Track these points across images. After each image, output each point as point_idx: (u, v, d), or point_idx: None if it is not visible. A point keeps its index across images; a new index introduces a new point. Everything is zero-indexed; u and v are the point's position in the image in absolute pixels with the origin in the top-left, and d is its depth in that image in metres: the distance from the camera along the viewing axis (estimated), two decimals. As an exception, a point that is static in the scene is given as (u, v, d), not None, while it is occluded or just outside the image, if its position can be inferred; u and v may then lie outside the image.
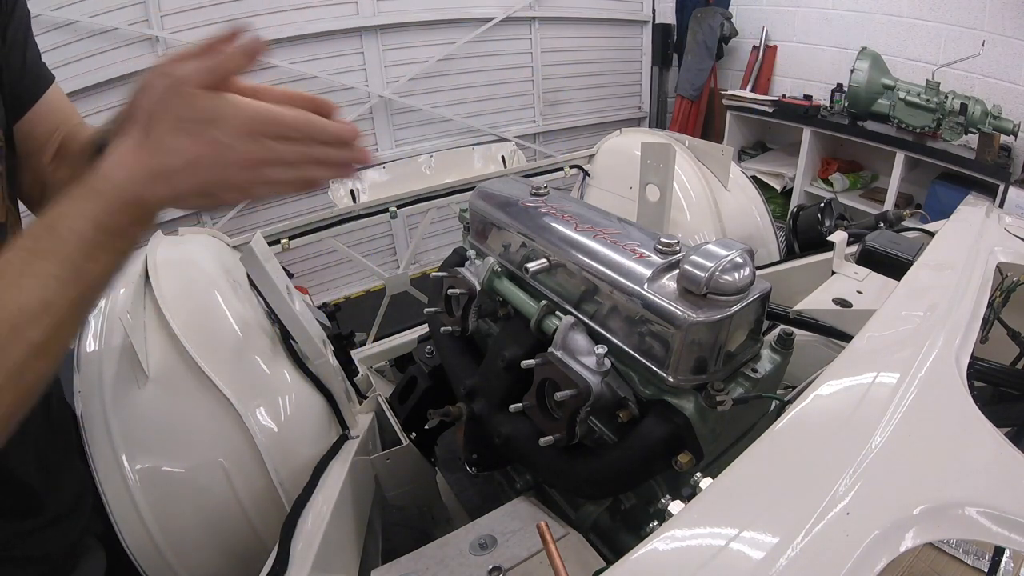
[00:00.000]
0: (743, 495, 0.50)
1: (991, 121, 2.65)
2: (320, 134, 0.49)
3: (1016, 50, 2.73)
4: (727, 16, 3.77)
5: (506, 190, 0.97)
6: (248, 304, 1.07)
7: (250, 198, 0.50)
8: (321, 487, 0.82)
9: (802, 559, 0.42)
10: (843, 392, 0.60)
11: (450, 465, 1.36)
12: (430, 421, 0.93)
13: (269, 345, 1.03)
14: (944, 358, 0.64)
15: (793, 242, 1.40)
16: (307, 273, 3.16)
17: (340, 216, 1.61)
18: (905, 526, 0.46)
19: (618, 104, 4.24)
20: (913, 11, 3.06)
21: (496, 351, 0.85)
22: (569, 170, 1.95)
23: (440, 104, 3.41)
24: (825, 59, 3.52)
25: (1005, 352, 0.95)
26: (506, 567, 0.71)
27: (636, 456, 0.70)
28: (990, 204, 1.19)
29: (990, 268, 0.89)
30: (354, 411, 1.02)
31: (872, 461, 0.50)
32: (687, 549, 0.45)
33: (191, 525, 0.92)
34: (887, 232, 1.23)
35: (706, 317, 0.65)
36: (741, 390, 0.72)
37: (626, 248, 0.76)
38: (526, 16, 3.51)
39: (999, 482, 0.51)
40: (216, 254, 1.18)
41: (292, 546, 0.70)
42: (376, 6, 3.04)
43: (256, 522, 0.93)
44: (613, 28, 3.99)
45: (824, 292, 1.03)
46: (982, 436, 0.55)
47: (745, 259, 0.67)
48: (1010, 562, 0.70)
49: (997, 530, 0.47)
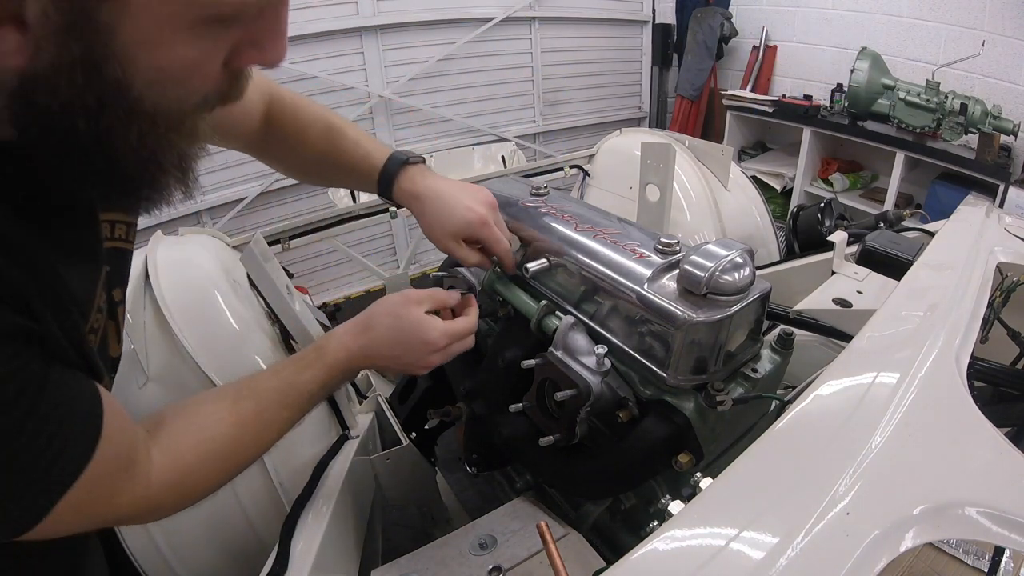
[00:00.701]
0: (743, 495, 0.50)
1: (991, 121, 2.64)
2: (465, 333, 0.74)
3: (1016, 50, 2.73)
4: (727, 16, 3.77)
5: (506, 190, 0.97)
6: (248, 304, 1.07)
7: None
8: (321, 487, 0.82)
9: (802, 559, 0.42)
10: (843, 392, 0.60)
11: (450, 465, 1.36)
12: (430, 421, 0.93)
13: (269, 345, 1.03)
14: (944, 358, 0.64)
15: (793, 242, 1.40)
16: (307, 273, 3.16)
17: (340, 216, 1.61)
18: (905, 526, 0.46)
19: (618, 104, 4.24)
20: (913, 11, 3.06)
21: (496, 351, 0.85)
22: (569, 170, 1.95)
23: (440, 104, 3.41)
24: (825, 59, 3.52)
25: (1005, 352, 0.95)
26: (506, 567, 0.71)
27: (636, 456, 0.70)
28: (990, 204, 1.20)
29: (990, 268, 0.89)
30: (354, 411, 1.02)
31: (872, 461, 0.50)
32: (687, 549, 0.45)
33: (191, 525, 0.92)
34: (887, 232, 1.23)
35: (706, 317, 0.65)
36: (741, 390, 0.72)
37: (626, 248, 0.76)
38: (526, 16, 3.51)
39: (999, 482, 0.51)
40: (216, 254, 1.18)
41: (292, 546, 0.70)
42: (376, 6, 3.03)
43: (256, 522, 0.93)
44: (613, 28, 3.98)
45: (824, 292, 1.03)
46: (982, 436, 0.55)
47: (745, 259, 0.67)
48: (1010, 562, 0.70)
49: (997, 530, 0.47)
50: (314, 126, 0.82)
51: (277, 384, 0.65)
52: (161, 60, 0.38)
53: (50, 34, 0.34)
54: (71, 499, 0.44)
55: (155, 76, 0.38)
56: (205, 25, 0.38)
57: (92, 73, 0.36)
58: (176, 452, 0.56)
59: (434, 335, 0.70)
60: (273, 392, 0.65)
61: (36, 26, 0.34)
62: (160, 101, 0.40)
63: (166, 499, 0.56)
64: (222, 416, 0.60)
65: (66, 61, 0.35)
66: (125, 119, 0.39)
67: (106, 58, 0.36)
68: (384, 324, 0.70)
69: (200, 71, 0.41)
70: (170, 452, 0.56)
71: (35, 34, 0.34)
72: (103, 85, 0.37)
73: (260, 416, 0.63)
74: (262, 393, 0.64)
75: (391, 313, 0.71)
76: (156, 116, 0.40)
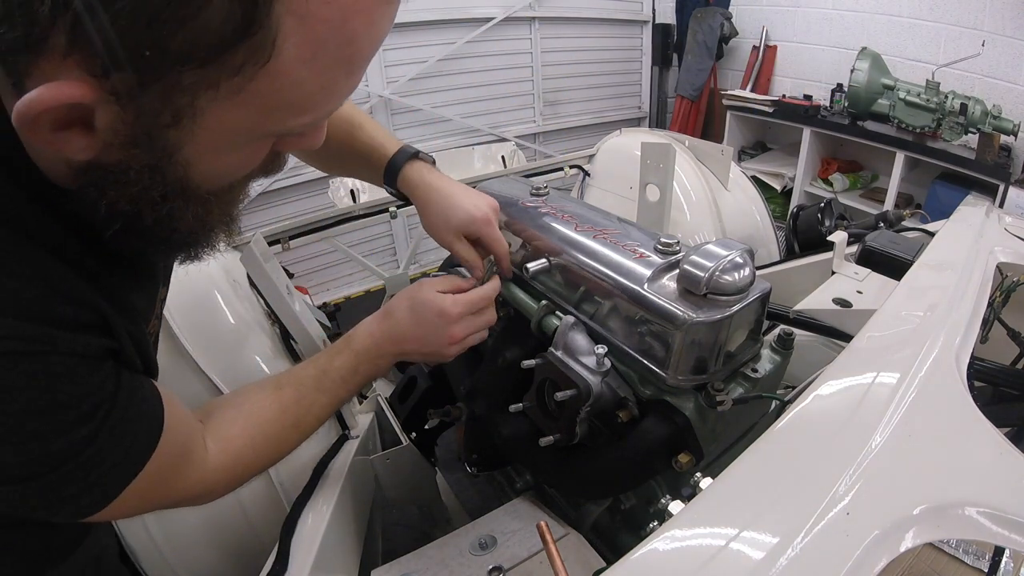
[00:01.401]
0: (743, 495, 0.50)
1: (991, 121, 2.64)
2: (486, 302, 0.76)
3: (1016, 50, 2.73)
4: (727, 16, 3.77)
5: (506, 190, 0.97)
6: (248, 304, 1.07)
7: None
8: (321, 487, 0.82)
9: (802, 559, 0.42)
10: (843, 392, 0.60)
11: (450, 465, 1.36)
12: (430, 421, 0.93)
13: (269, 345, 1.03)
14: (944, 358, 0.64)
15: (793, 242, 1.40)
16: (307, 273, 3.16)
17: (340, 216, 1.61)
18: (905, 526, 0.46)
19: (618, 104, 4.23)
20: (913, 11, 3.06)
21: (496, 351, 0.85)
22: (569, 170, 1.95)
23: (440, 104, 3.40)
24: (825, 59, 3.52)
25: (1005, 352, 0.95)
26: (506, 567, 0.71)
27: (636, 456, 0.70)
28: (990, 204, 1.20)
29: (990, 268, 0.89)
30: (354, 411, 1.02)
31: (872, 461, 0.50)
32: (687, 549, 0.45)
33: (191, 525, 0.92)
34: (887, 232, 1.22)
35: (706, 317, 0.65)
36: (741, 390, 0.72)
37: (626, 248, 0.76)
38: (526, 16, 3.51)
39: (999, 482, 0.51)
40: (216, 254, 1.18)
41: (292, 546, 0.70)
42: (376, 6, 3.04)
43: (256, 522, 0.93)
44: (613, 28, 3.98)
45: (824, 292, 1.03)
46: (982, 436, 0.55)
47: (745, 259, 0.67)
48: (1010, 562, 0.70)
49: (997, 530, 0.47)
50: (336, 116, 0.84)
51: (313, 372, 0.71)
52: (221, 164, 0.43)
53: (116, 144, 0.37)
54: (135, 488, 0.49)
55: (214, 173, 0.43)
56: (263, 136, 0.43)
57: (156, 175, 0.40)
58: (227, 438, 0.61)
59: (447, 304, 0.72)
60: (309, 379, 0.70)
61: (104, 133, 0.36)
62: (216, 187, 0.45)
63: (219, 481, 0.61)
64: (265, 404, 0.66)
65: (132, 164, 0.39)
66: (184, 205, 0.43)
67: (170, 164, 0.40)
68: (403, 308, 0.74)
69: (251, 164, 0.46)
70: (222, 438, 0.61)
71: (102, 139, 0.37)
72: (166, 184, 0.41)
73: (299, 402, 0.68)
74: (300, 380, 0.69)
75: (408, 296, 0.75)
76: (211, 197, 0.45)
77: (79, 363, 0.43)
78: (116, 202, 0.41)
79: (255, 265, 0.87)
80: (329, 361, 0.72)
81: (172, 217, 0.43)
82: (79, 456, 0.44)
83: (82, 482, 0.45)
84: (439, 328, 0.73)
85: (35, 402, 0.40)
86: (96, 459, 0.45)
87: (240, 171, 0.46)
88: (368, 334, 0.74)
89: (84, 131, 0.36)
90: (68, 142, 0.36)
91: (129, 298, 0.50)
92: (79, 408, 0.43)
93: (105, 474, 0.46)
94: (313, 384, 0.70)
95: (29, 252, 0.41)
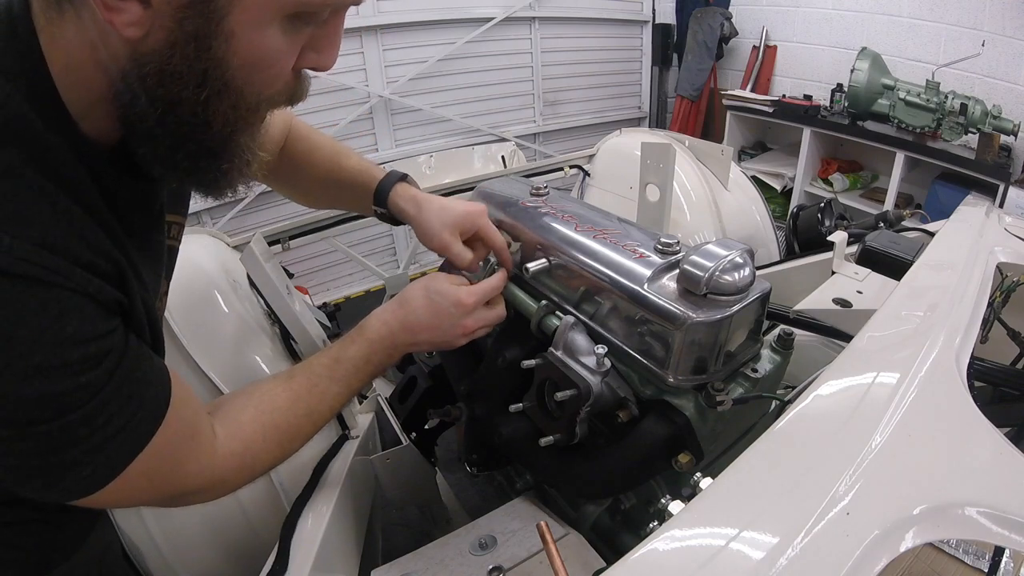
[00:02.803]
0: (743, 495, 0.50)
1: (991, 121, 2.64)
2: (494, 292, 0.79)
3: (1016, 50, 2.73)
4: (727, 16, 3.77)
5: (506, 190, 0.97)
6: (248, 304, 1.08)
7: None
8: (321, 487, 0.82)
9: (802, 559, 0.42)
10: (843, 392, 0.60)
11: (450, 465, 1.36)
12: (430, 421, 0.93)
13: (269, 345, 1.03)
14: (944, 358, 0.64)
15: (793, 242, 1.40)
16: (307, 273, 3.16)
17: (340, 216, 1.61)
18: (905, 526, 0.46)
19: (618, 104, 4.23)
20: (913, 11, 3.06)
21: (496, 351, 0.85)
22: (569, 170, 1.95)
23: (440, 104, 3.40)
24: (825, 59, 3.52)
25: (1005, 352, 0.95)
26: (506, 567, 0.71)
27: (636, 456, 0.70)
28: (990, 204, 1.19)
29: (990, 268, 0.89)
30: (354, 411, 1.02)
31: (872, 461, 0.50)
32: (687, 549, 0.45)
33: (191, 525, 0.92)
34: (887, 232, 1.22)
35: (706, 317, 0.65)
36: (741, 390, 0.71)
37: (626, 248, 0.76)
38: (526, 16, 3.51)
39: (999, 482, 0.51)
40: (216, 254, 1.18)
41: (292, 546, 0.70)
42: (376, 6, 3.03)
43: (256, 522, 0.93)
44: (613, 28, 3.98)
45: (824, 292, 1.03)
46: (982, 436, 0.55)
47: (745, 259, 0.67)
48: (1010, 562, 0.70)
49: (997, 530, 0.47)
50: (321, 149, 0.88)
51: (326, 360, 0.71)
52: (256, 44, 0.44)
53: (171, 11, 0.40)
54: (141, 466, 0.48)
55: (248, 59, 0.45)
56: (291, 21, 0.45)
57: (201, 48, 0.42)
58: (237, 424, 0.61)
59: (463, 294, 0.74)
60: (322, 368, 0.70)
61: (159, 2, 0.40)
62: (246, 83, 0.46)
63: (230, 470, 0.59)
64: (277, 392, 0.66)
65: (180, 36, 0.41)
66: (220, 92, 0.45)
67: (216, 35, 0.42)
68: (418, 296, 0.75)
69: (279, 63, 0.47)
70: (231, 424, 0.60)
71: (156, 9, 0.40)
72: (209, 60, 0.43)
73: (312, 390, 0.68)
74: (312, 369, 0.70)
75: (424, 287, 0.76)
76: (242, 94, 0.46)
77: (91, 304, 0.44)
78: (156, 89, 0.43)
79: (255, 265, 0.87)
80: (342, 350, 0.72)
81: (207, 108, 0.45)
82: (83, 406, 0.43)
83: (85, 443, 0.44)
84: (454, 318, 0.74)
85: (44, 332, 0.41)
86: (100, 415, 0.45)
87: (269, 73, 0.47)
88: (383, 323, 0.74)
89: (139, 1, 0.40)
90: (125, 11, 0.40)
91: (141, 268, 0.51)
92: (86, 348, 0.43)
93: (109, 439, 0.46)
94: (326, 373, 0.70)
95: (63, 199, 0.43)
